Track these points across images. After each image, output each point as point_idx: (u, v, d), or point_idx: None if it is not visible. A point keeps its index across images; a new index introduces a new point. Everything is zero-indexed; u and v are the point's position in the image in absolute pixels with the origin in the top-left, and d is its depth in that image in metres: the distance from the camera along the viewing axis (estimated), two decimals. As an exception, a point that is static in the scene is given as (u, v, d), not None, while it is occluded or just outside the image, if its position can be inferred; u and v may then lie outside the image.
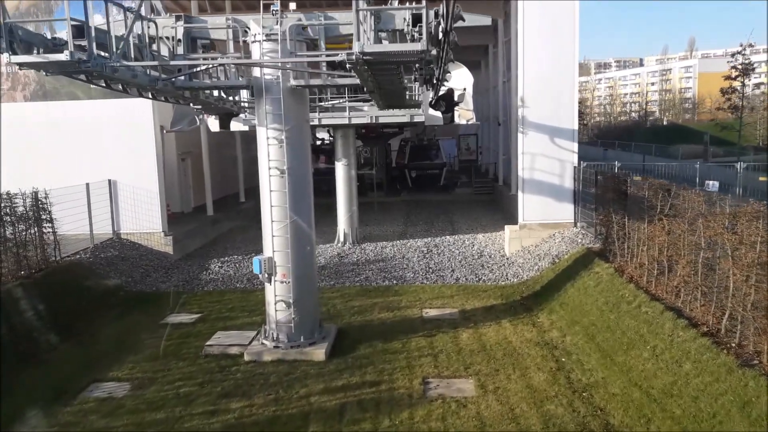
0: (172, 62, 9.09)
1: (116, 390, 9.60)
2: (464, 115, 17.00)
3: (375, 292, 14.57)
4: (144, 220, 17.94)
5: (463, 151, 40.27)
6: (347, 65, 7.70)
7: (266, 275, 10.76)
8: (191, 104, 12.80)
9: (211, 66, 10.01)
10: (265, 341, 10.96)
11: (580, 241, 15.77)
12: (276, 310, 10.77)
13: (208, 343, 11.27)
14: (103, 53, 8.47)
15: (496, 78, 30.95)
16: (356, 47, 7.20)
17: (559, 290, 13.11)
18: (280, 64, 9.44)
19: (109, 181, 17.86)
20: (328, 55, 8.93)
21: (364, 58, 7.33)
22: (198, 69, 9.75)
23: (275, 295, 10.74)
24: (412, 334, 11.54)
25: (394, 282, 15.25)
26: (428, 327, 11.93)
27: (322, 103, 17.05)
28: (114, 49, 8.32)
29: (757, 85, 71.88)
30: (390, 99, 12.78)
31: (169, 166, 22.16)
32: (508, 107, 25.91)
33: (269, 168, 10.36)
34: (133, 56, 8.77)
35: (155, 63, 8.68)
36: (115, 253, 16.98)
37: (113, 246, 17.39)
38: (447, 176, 32.18)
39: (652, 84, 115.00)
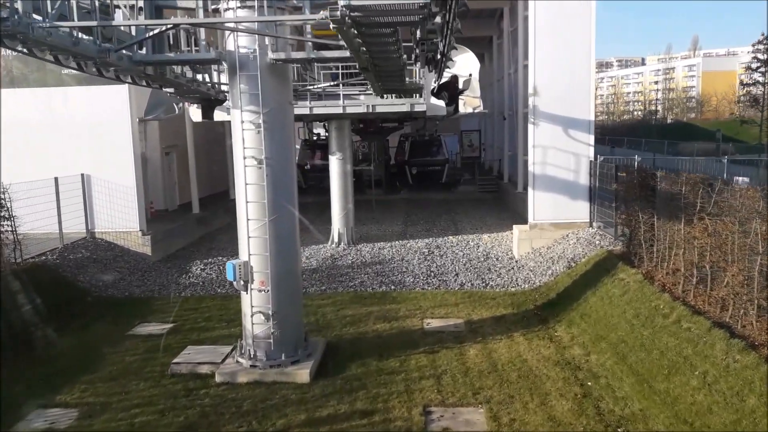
0: (115, 22, 7.56)
1: (60, 419, 8.09)
2: (470, 102, 15.48)
3: (370, 299, 13.06)
4: (120, 218, 16.42)
5: (466, 147, 38.64)
6: (331, 26, 6.19)
7: (242, 282, 9.26)
8: (163, 87, 11.31)
9: (165, 29, 8.47)
10: (240, 359, 9.46)
11: (598, 242, 14.26)
12: (253, 323, 9.27)
13: (175, 360, 9.76)
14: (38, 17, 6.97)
15: (500, 71, 29.43)
16: (342, 0, 5.70)
17: (578, 299, 11.60)
18: (256, 26, 7.95)
19: (82, 175, 16.34)
20: (309, 19, 7.41)
21: (352, 14, 5.82)
22: (151, 34, 8.22)
23: (252, 306, 9.24)
24: (411, 349, 10.03)
25: (392, 287, 13.74)
26: (430, 341, 10.43)
27: (313, 87, 15.50)
28: (49, 10, 6.82)
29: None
30: (387, 80, 11.30)
31: (153, 160, 20.68)
32: (514, 100, 24.39)
33: (244, 157, 8.86)
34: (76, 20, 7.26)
35: (94, 23, 7.15)
36: (86, 254, 15.46)
37: (86, 246, 15.87)
38: (449, 173, 30.66)
39: (655, 83, 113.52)
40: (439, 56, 8.95)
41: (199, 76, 11.93)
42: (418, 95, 15.30)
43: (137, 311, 12.85)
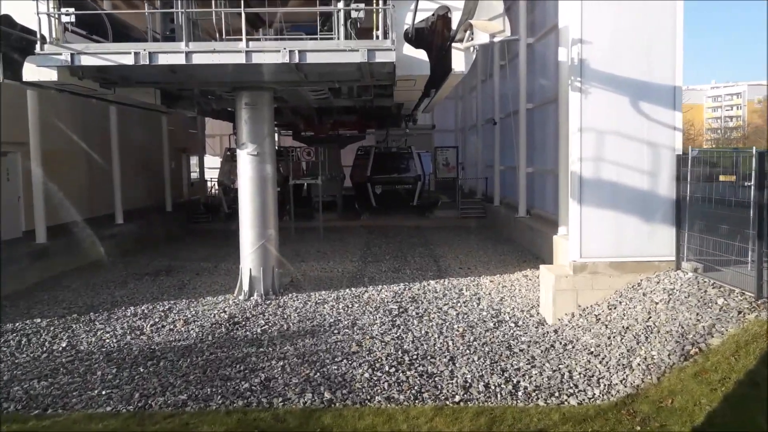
0: None
1: None
2: (488, 28, 8.61)
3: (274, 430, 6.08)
4: None
5: (441, 167, 32.23)
6: None
7: None
8: None
9: None
10: None
11: (716, 300, 7.60)
12: None
13: None
14: None
15: (488, 68, 23.15)
16: None
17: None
18: None
19: None
20: None
21: None
22: None
23: None
24: None
25: (327, 397, 6.77)
26: None
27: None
28: None
29: None
30: None
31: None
32: (507, 100, 17.97)
33: None
34: None
35: None
36: None
37: None
38: (423, 194, 24.06)
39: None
40: None
41: None
42: (382, 36, 8.65)
43: None
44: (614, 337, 7.80)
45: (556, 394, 6.72)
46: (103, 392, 6.98)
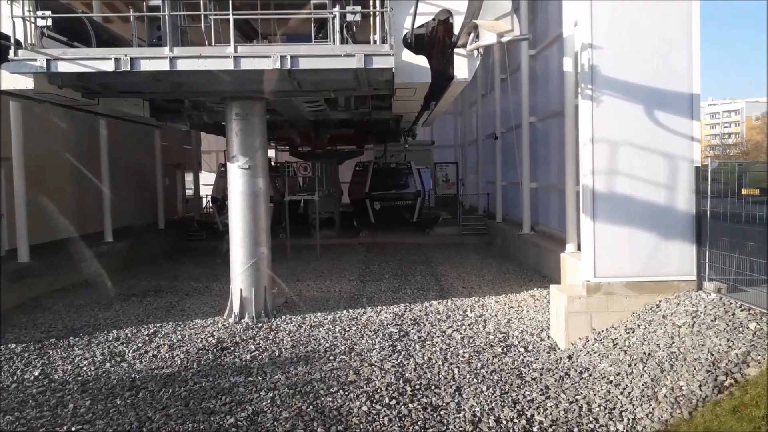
0: None
1: None
2: (495, 27, 8.04)
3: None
4: None
5: (441, 183, 31.72)
6: None
7: None
8: None
9: None
10: None
11: (751, 325, 6.96)
12: None
13: None
14: None
15: (487, 83, 22.69)
16: None
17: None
18: None
19: None
20: None
21: None
22: None
23: None
24: None
25: (321, 432, 6.12)
26: None
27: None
28: None
29: None
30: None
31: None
32: (510, 114, 17.44)
33: None
34: None
35: None
36: None
37: None
38: (423, 210, 23.47)
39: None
40: None
41: None
42: (380, 40, 8.11)
43: None
44: (635, 364, 7.15)
45: (575, 429, 6.05)
46: (73, 428, 6.30)
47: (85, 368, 8.16)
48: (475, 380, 7.37)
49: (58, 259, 13.81)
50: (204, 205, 25.69)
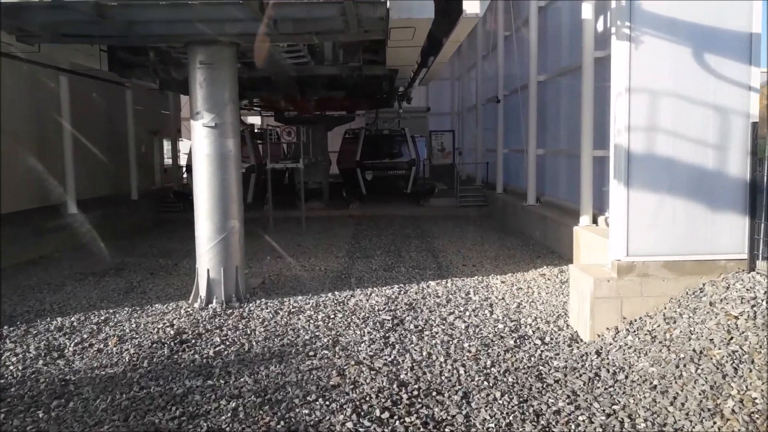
0: None
1: None
2: None
3: None
4: None
5: (436, 152, 30.13)
6: None
7: None
8: None
9: None
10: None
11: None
12: None
13: None
14: None
15: (490, 41, 20.96)
16: None
17: None
18: None
19: None
20: None
21: None
22: None
23: None
24: None
25: (293, 458, 4.74)
26: None
27: None
28: None
29: None
30: None
31: None
32: (522, 67, 15.78)
33: None
34: None
35: None
36: None
37: None
38: (417, 180, 21.98)
39: None
40: None
41: None
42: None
43: None
44: (685, 365, 5.77)
45: (619, 454, 4.70)
46: (-29, 454, 4.89)
47: (12, 367, 6.71)
48: (485, 383, 5.98)
49: (9, 232, 12.26)
50: (181, 175, 24.06)
